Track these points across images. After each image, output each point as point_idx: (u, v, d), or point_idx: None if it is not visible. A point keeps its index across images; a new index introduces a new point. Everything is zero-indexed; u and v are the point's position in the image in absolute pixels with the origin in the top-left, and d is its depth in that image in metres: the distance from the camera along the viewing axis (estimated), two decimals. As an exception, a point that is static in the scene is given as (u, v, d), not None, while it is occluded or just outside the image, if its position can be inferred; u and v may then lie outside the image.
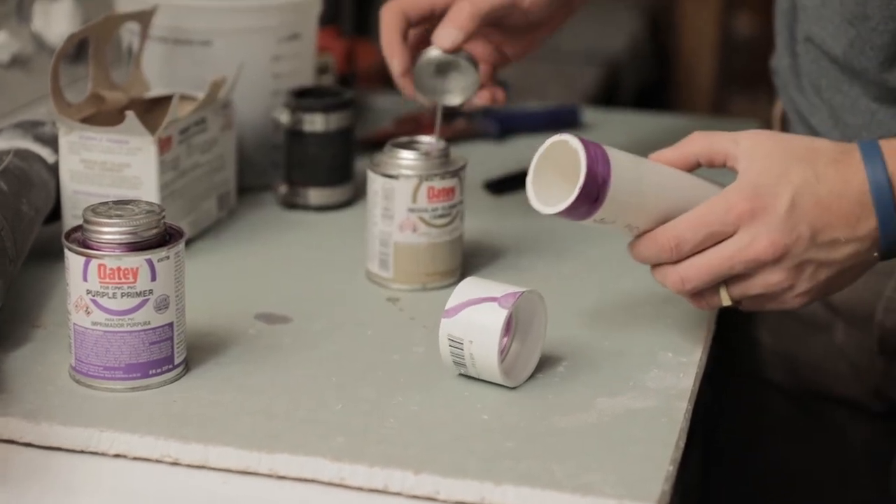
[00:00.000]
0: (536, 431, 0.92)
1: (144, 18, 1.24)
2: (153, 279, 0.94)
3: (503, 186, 1.38)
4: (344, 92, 1.34)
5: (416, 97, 1.19)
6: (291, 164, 1.31)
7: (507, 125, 1.54)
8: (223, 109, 1.24)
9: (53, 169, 1.16)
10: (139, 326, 0.94)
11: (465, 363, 0.97)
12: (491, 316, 0.95)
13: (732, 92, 3.23)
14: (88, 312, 0.94)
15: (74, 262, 0.94)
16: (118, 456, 0.90)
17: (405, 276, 1.14)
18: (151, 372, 0.95)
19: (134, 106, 1.19)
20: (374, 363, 1.01)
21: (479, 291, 0.97)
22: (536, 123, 1.56)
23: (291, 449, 0.89)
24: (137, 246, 0.93)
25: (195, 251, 1.20)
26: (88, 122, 1.15)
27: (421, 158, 1.13)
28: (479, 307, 0.96)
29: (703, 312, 1.08)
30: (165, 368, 0.96)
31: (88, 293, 0.93)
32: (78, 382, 0.96)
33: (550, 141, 0.96)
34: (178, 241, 0.96)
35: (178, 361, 0.97)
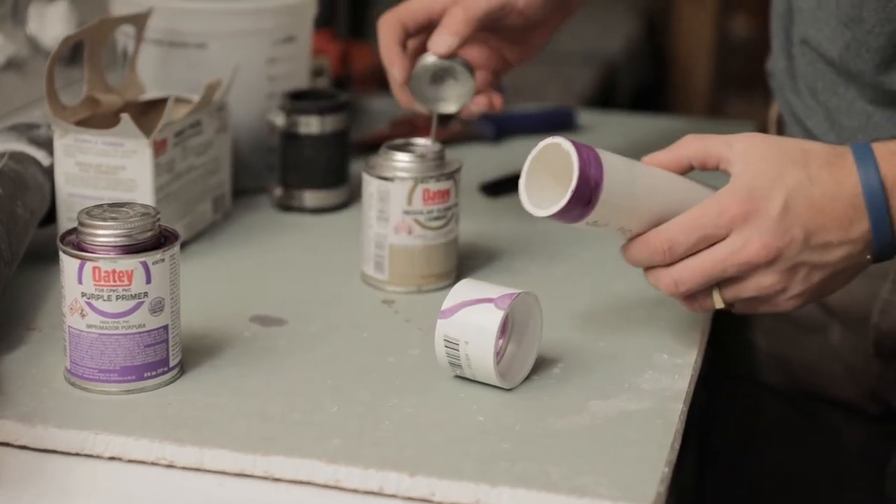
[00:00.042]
0: (532, 433, 0.92)
1: (139, 21, 1.24)
2: (148, 282, 0.94)
3: (499, 189, 1.37)
4: (339, 94, 1.34)
5: (413, 106, 1.19)
6: (287, 166, 1.31)
7: (502, 127, 1.54)
8: (218, 112, 1.24)
9: (48, 172, 1.16)
10: (134, 329, 0.94)
11: (460, 364, 0.97)
12: (487, 317, 0.95)
13: (729, 94, 3.23)
14: (83, 315, 0.94)
15: (69, 264, 0.94)
16: (113, 458, 0.90)
17: (400, 278, 1.14)
18: (146, 374, 0.95)
19: (129, 109, 1.19)
20: (369, 365, 1.01)
21: (475, 292, 0.97)
22: (532, 125, 1.55)
23: (287, 451, 0.89)
24: (132, 248, 0.93)
25: (190, 254, 1.20)
26: (83, 124, 1.15)
27: (416, 161, 1.13)
28: (475, 308, 0.96)
29: (697, 314, 1.08)
30: (160, 371, 0.96)
31: (83, 296, 0.93)
32: (73, 385, 0.96)
33: (543, 143, 0.96)
34: (173, 243, 0.96)
35: (173, 364, 0.97)
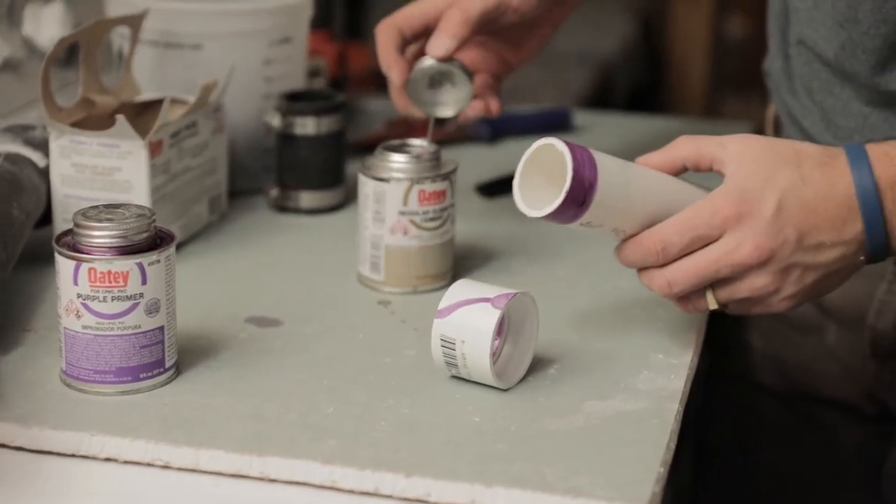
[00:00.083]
0: (528, 434, 0.92)
1: (135, 22, 1.24)
2: (144, 283, 0.94)
3: (494, 189, 1.37)
4: (335, 95, 1.34)
5: (410, 111, 1.19)
6: (283, 167, 1.31)
7: (498, 128, 1.54)
8: (214, 113, 1.24)
9: (44, 173, 1.16)
10: (130, 330, 0.94)
11: (456, 364, 0.97)
12: (484, 316, 0.95)
13: (725, 94, 3.22)
14: (79, 316, 0.94)
15: (65, 265, 0.94)
16: (109, 459, 0.90)
17: (396, 279, 1.14)
18: (142, 375, 0.95)
19: (124, 110, 1.19)
20: (365, 366, 1.01)
21: (472, 292, 0.97)
22: (528, 126, 1.55)
23: (282, 452, 0.89)
24: (128, 250, 0.93)
25: (186, 255, 1.19)
26: (79, 126, 1.15)
27: (412, 161, 1.13)
28: (471, 308, 0.96)
29: (693, 315, 1.08)
30: (156, 372, 0.96)
31: (79, 297, 0.93)
32: (68, 386, 0.96)
33: (537, 144, 0.96)
34: (168, 244, 0.96)
35: (168, 365, 0.97)
